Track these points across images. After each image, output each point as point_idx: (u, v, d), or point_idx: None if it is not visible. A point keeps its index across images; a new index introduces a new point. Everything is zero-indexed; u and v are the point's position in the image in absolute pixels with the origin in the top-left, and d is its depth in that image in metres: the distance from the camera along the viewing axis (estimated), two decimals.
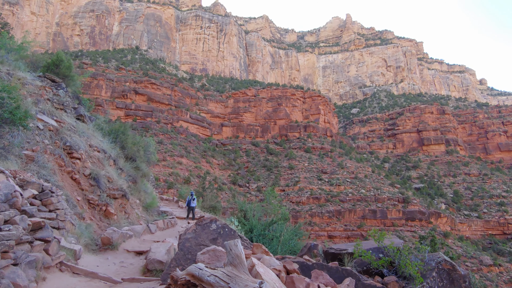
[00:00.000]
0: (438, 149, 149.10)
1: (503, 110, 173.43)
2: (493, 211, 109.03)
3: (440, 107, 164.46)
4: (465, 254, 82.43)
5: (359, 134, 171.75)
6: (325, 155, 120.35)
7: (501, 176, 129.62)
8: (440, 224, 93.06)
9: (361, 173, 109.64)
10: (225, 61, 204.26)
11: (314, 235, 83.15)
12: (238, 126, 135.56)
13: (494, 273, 78.47)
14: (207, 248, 5.31)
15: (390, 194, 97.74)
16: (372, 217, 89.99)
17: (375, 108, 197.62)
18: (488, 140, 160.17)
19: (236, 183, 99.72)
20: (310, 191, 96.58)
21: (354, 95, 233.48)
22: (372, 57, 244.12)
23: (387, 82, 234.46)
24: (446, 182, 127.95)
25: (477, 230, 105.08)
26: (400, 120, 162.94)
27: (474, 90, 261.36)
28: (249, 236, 15.63)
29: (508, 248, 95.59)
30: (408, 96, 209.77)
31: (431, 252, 6.21)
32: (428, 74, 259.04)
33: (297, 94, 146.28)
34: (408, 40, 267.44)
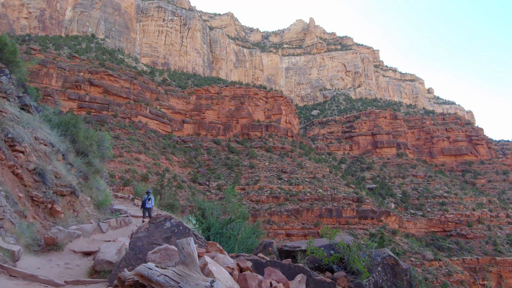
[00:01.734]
0: (390, 152, 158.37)
1: (447, 118, 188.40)
2: (436, 210, 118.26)
3: (393, 113, 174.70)
4: (410, 250, 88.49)
5: (319, 135, 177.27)
6: (286, 155, 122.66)
7: (443, 178, 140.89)
8: (389, 222, 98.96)
9: (319, 173, 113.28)
10: (188, 57, 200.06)
11: (272, 234, 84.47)
12: (200, 123, 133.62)
13: (435, 267, 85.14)
14: (158, 247, 5.14)
15: (345, 194, 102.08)
16: (328, 216, 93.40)
17: (334, 110, 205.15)
18: (433, 144, 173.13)
19: (196, 181, 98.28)
20: (270, 190, 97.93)
21: (315, 97, 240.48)
22: (332, 61, 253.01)
23: (346, 86, 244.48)
24: (396, 183, 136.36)
25: (421, 227, 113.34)
26: (357, 123, 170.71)
27: (422, 98, 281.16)
28: (207, 234, 15.46)
29: (447, 244, 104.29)
30: (365, 100, 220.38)
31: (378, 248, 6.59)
32: (383, 81, 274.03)
33: (260, 93, 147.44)
34: (366, 48, 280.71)
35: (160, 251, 5.00)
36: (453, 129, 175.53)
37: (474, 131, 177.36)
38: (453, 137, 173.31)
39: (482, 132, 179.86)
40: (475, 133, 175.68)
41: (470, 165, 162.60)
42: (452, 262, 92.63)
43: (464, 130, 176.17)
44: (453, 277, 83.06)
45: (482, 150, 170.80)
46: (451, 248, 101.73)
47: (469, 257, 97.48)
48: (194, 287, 3.72)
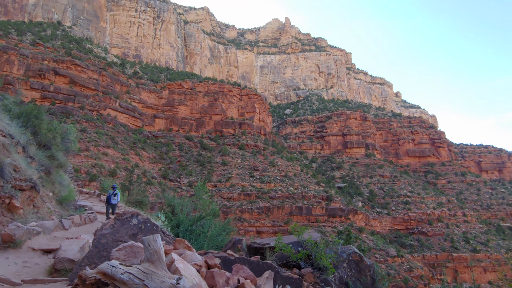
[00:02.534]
0: (359, 152, 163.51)
1: (412, 121, 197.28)
2: (400, 209, 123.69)
3: (363, 114, 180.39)
4: (375, 246, 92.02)
5: (291, 134, 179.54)
6: (258, 153, 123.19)
7: (408, 178, 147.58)
8: (356, 220, 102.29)
9: (291, 171, 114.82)
10: (161, 50, 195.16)
11: (243, 231, 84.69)
12: (172, 118, 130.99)
13: (397, 263, 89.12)
14: (124, 244, 4.97)
15: (315, 192, 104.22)
16: (298, 214, 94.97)
17: (307, 110, 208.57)
18: (399, 146, 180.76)
19: (167, 178, 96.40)
20: (241, 187, 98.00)
21: (289, 96, 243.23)
22: (306, 62, 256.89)
23: (318, 87, 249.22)
24: (364, 182, 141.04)
25: (386, 225, 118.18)
26: (328, 123, 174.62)
27: (391, 101, 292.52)
28: (176, 231, 15.22)
29: (410, 241, 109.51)
30: (337, 101, 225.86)
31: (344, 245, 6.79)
32: (354, 83, 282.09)
33: (234, 91, 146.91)
34: (339, 50, 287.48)
35: (125, 248, 4.84)
36: (418, 132, 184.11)
37: (436, 134, 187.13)
38: (418, 140, 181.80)
39: (444, 135, 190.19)
40: (437, 136, 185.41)
41: (432, 166, 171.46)
42: (413, 258, 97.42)
43: (427, 133, 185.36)
44: (414, 272, 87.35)
45: (444, 152, 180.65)
46: (413, 245, 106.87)
47: (428, 254, 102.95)
48: (159, 284, 3.64)
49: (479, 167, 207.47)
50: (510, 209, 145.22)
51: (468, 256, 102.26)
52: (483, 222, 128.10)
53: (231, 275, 4.59)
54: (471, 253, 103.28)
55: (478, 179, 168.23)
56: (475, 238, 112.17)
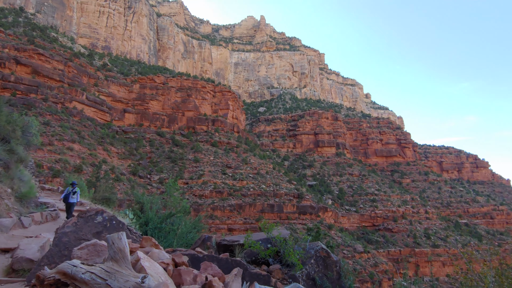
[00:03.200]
0: (330, 151, 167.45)
1: (381, 122, 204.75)
2: (367, 206, 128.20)
3: (334, 114, 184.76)
4: (343, 243, 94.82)
5: (264, 132, 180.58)
6: (231, 150, 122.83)
7: (375, 177, 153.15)
8: (326, 217, 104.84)
9: (263, 169, 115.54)
10: (132, 42, 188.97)
11: (214, 228, 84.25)
12: (143, 113, 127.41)
13: (364, 258, 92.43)
14: (86, 242, 4.77)
15: (287, 190, 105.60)
16: (270, 211, 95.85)
17: (280, 109, 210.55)
18: (368, 146, 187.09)
19: (137, 174, 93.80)
20: (213, 184, 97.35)
21: (262, 94, 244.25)
22: (281, 60, 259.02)
23: (292, 86, 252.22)
24: (334, 180, 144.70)
25: (354, 222, 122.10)
26: (301, 122, 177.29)
27: (361, 102, 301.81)
28: (144, 229, 14.85)
29: (376, 238, 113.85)
30: (309, 101, 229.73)
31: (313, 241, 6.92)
32: (327, 84, 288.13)
33: (208, 87, 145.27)
34: (313, 50, 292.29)
35: (88, 247, 4.63)
36: (385, 132, 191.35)
37: (403, 135, 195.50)
38: (385, 140, 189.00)
39: (409, 136, 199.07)
40: (403, 137, 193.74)
41: (398, 166, 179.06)
42: (379, 254, 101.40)
43: (394, 134, 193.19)
44: (379, 267, 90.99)
45: (409, 152, 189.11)
46: (379, 241, 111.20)
47: (393, 249, 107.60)
48: (123, 284, 3.52)
49: (440, 167, 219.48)
50: (467, 207, 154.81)
51: (429, 251, 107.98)
52: (443, 219, 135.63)
53: (199, 272, 4.54)
54: (432, 248, 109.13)
55: (440, 179, 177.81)
56: (435, 234, 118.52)
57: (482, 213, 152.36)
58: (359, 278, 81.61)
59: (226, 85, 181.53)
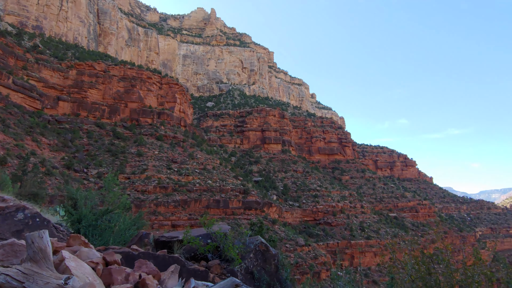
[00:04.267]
0: (276, 148, 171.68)
1: (324, 121, 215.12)
2: (310, 201, 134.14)
3: (281, 112, 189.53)
4: (286, 237, 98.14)
5: (212, 127, 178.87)
6: (177, 144, 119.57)
7: (318, 174, 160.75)
8: (270, 212, 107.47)
9: (210, 164, 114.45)
10: (68, 24, 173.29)
11: (157, 225, 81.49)
12: (80, 102, 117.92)
13: (305, 251, 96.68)
14: (2, 242, 4.24)
15: (233, 186, 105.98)
16: (215, 207, 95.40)
17: (229, 104, 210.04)
18: (312, 144, 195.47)
19: (72, 168, 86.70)
20: (157, 180, 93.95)
21: (211, 89, 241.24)
22: (231, 56, 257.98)
23: (241, 82, 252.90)
24: (279, 176, 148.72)
25: (297, 217, 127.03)
26: (249, 118, 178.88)
27: (307, 102, 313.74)
28: (77, 227, 13.78)
29: (316, 231, 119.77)
30: (257, 98, 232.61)
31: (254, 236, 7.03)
32: (275, 82, 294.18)
33: (154, 78, 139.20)
34: (263, 48, 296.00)
35: (4, 247, 4.12)
36: (328, 131, 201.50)
37: (344, 134, 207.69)
38: (328, 139, 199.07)
39: (349, 136, 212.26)
40: (344, 136, 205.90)
41: (338, 163, 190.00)
42: (319, 246, 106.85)
43: (336, 133, 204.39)
44: (319, 259, 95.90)
45: (348, 151, 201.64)
46: (319, 235, 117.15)
47: (331, 242, 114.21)
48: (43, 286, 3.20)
49: (376, 165, 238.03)
50: (397, 202, 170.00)
51: (363, 242, 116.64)
52: (376, 213, 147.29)
53: (132, 271, 4.31)
54: (365, 240, 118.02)
55: (374, 176, 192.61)
56: (369, 227, 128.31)
57: (409, 207, 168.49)
58: (300, 270, 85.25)
59: (173, 77, 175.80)
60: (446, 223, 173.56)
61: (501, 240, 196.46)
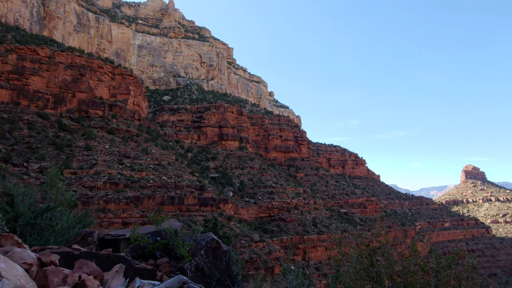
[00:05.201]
0: (233, 145, 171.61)
1: (281, 120, 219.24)
2: (265, 198, 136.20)
3: (239, 109, 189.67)
4: (241, 233, 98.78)
5: (168, 122, 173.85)
6: (130, 138, 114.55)
7: (274, 171, 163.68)
8: (226, 209, 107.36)
9: (165, 160, 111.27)
10: (9, 4, 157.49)
11: (107, 223, 77.53)
12: (20, 90, 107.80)
13: (259, 247, 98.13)
14: None
15: (189, 182, 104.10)
16: (170, 203, 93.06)
17: (186, 99, 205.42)
18: (269, 141, 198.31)
19: (9, 161, 79.20)
20: (108, 175, 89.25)
21: (168, 82, 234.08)
22: (189, 49, 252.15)
23: (199, 77, 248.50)
24: (235, 173, 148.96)
25: (253, 213, 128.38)
26: (206, 114, 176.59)
27: (265, 99, 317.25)
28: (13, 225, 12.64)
29: (271, 227, 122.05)
30: (216, 94, 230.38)
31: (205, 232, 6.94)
32: (234, 78, 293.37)
33: (105, 67, 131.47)
34: (222, 43, 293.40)
35: None
36: (285, 129, 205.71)
37: (300, 133, 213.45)
38: (285, 137, 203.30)
39: (305, 134, 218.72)
40: (300, 135, 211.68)
41: (294, 161, 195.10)
42: (273, 242, 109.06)
43: (293, 132, 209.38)
44: (272, 255, 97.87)
45: (304, 149, 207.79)
46: (274, 231, 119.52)
47: (285, 237, 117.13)
48: None
49: (329, 163, 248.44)
50: (347, 198, 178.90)
51: (315, 237, 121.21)
52: (328, 209, 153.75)
53: (71, 272, 4.02)
54: (318, 235, 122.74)
55: (327, 173, 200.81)
56: (321, 222, 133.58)
57: (358, 203, 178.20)
58: (254, 266, 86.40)
59: (127, 68, 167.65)
60: (390, 218, 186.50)
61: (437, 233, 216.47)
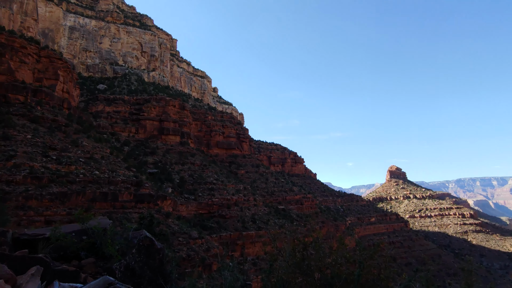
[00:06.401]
0: (174, 140, 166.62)
1: (224, 116, 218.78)
2: (206, 194, 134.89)
3: (182, 103, 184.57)
4: (180, 230, 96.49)
5: (103, 113, 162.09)
6: (57, 129, 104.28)
7: (215, 167, 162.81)
8: (165, 205, 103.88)
9: (98, 153, 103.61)
10: None
11: (26, 221, 69.66)
12: None
13: (198, 244, 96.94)
14: None
15: (124, 177, 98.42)
16: (102, 200, 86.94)
17: (124, 89, 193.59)
18: (211, 137, 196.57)
19: None
20: (29, 168, 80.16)
21: (104, 70, 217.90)
22: (129, 37, 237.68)
23: (140, 67, 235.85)
24: (176, 169, 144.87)
25: (192, 210, 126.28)
26: (146, 107, 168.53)
27: (208, 95, 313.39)
28: None
29: (210, 224, 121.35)
30: (157, 86, 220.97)
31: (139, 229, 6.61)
32: (177, 71, 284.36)
33: (29, 48, 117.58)
34: (165, 34, 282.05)
35: None
36: (227, 126, 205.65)
37: (242, 130, 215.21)
38: (227, 133, 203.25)
39: (247, 132, 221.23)
40: (242, 132, 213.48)
41: (235, 158, 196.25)
42: (212, 239, 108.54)
43: (235, 129, 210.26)
44: (211, 252, 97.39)
45: (246, 146, 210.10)
46: (213, 227, 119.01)
47: (224, 234, 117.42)
48: None
49: (269, 161, 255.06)
50: (285, 195, 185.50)
51: (254, 233, 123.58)
52: (267, 205, 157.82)
53: None
54: (256, 231, 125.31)
55: (268, 171, 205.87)
56: (260, 218, 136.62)
57: (295, 200, 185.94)
58: (192, 263, 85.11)
59: (56, 51, 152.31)
60: (324, 214, 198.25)
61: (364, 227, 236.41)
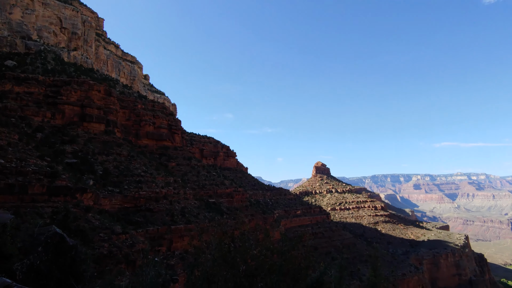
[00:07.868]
0: (98, 128, 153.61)
1: (156, 106, 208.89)
2: (132, 187, 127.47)
3: (108, 89, 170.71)
4: (101, 226, 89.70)
5: (11, 94, 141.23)
6: None
7: (144, 159, 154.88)
8: (84, 199, 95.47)
9: (4, 139, 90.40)
10: None
11: None
12: None
13: (122, 239, 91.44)
14: None
15: (36, 167, 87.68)
16: (8, 193, 76.12)
17: (39, 68, 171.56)
18: (140, 127, 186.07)
19: None
20: None
21: (14, 44, 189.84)
22: (45, 9, 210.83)
23: (58, 45, 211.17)
24: (99, 159, 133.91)
25: (116, 204, 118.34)
26: (66, 90, 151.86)
27: (139, 82, 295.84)
28: None
29: (136, 218, 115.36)
30: (79, 67, 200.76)
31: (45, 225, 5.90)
32: (103, 53, 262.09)
33: None
34: (90, 11, 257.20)
35: None
36: (159, 116, 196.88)
37: (174, 121, 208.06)
38: (158, 124, 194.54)
39: (180, 123, 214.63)
40: (174, 123, 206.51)
41: (166, 149, 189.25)
42: (137, 234, 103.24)
43: (167, 119, 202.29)
44: (136, 247, 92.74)
45: (177, 138, 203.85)
46: (139, 222, 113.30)
47: (151, 228, 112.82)
48: None
49: (202, 154, 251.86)
50: (217, 188, 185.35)
51: (182, 227, 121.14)
52: (198, 199, 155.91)
53: None
54: (185, 225, 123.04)
55: (200, 164, 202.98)
56: (190, 212, 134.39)
57: (226, 193, 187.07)
58: (114, 260, 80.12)
59: None
60: (254, 207, 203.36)
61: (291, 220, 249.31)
